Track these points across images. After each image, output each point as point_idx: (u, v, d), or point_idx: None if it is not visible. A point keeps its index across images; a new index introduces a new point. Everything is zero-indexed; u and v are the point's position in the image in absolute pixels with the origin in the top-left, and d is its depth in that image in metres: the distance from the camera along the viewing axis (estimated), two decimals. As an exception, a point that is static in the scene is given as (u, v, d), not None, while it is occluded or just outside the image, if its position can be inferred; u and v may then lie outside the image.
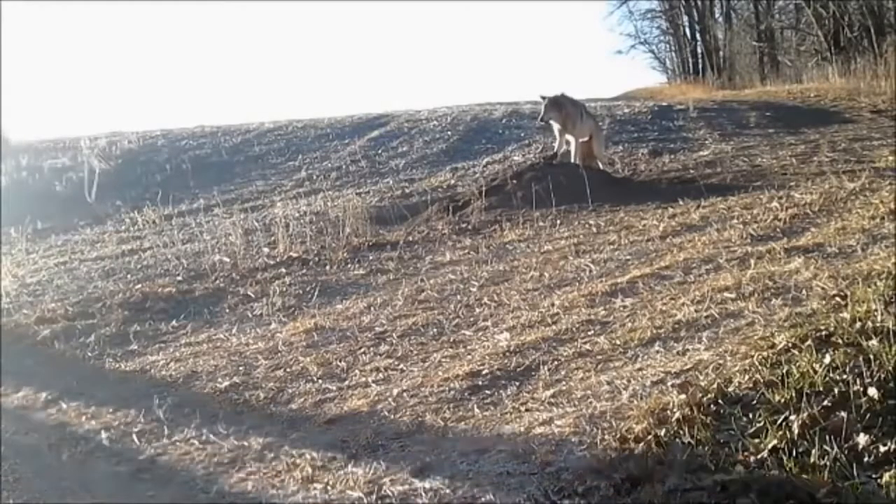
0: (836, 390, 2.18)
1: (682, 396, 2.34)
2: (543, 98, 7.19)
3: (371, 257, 5.37)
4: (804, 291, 3.25)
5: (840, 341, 2.52)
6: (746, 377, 2.40)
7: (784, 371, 2.36)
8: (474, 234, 5.70)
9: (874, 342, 2.43)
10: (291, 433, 2.76)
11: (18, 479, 2.73)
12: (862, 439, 1.92)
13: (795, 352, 2.51)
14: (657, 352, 2.90)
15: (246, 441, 2.75)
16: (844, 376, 2.25)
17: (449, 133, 11.07)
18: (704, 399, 2.30)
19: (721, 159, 7.75)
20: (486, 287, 4.25)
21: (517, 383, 2.86)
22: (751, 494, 1.78)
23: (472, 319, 3.73)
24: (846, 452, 1.89)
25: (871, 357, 2.33)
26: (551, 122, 7.23)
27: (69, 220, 8.61)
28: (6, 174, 10.60)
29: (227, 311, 4.59)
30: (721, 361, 2.62)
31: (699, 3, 28.14)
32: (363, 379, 3.17)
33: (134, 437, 2.93)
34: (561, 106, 7.13)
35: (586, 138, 7.40)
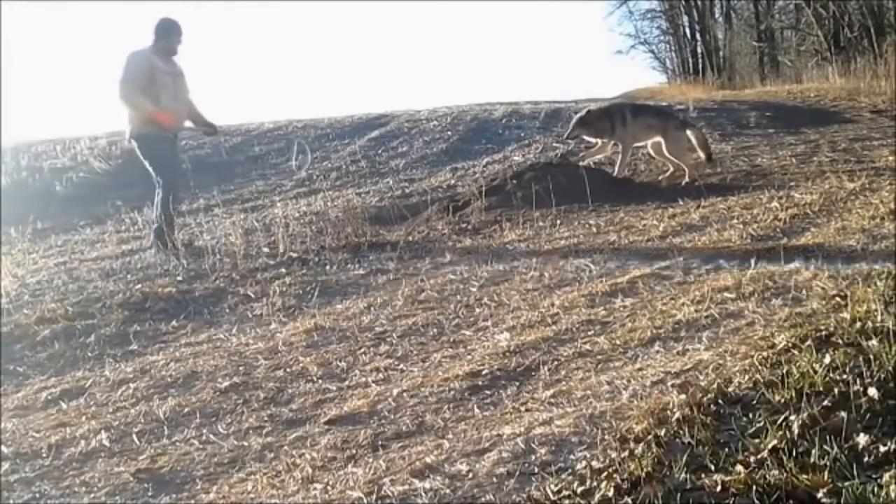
0: (836, 390, 2.18)
1: (682, 396, 2.34)
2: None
3: (371, 257, 5.37)
4: (804, 291, 3.25)
5: (840, 341, 2.52)
6: (746, 377, 2.39)
7: (784, 371, 2.35)
8: (474, 234, 5.70)
9: (874, 342, 2.43)
10: (291, 433, 2.76)
11: (18, 479, 2.73)
12: (862, 439, 1.92)
13: (795, 352, 2.50)
14: (657, 352, 2.90)
15: (246, 441, 2.75)
16: (844, 376, 2.25)
17: (449, 133, 11.05)
18: (704, 399, 2.30)
19: (721, 159, 7.74)
20: (486, 287, 4.25)
21: (517, 383, 2.86)
22: (751, 494, 1.78)
23: (472, 319, 3.73)
24: (846, 452, 1.88)
25: (871, 357, 2.33)
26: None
27: (69, 220, 8.60)
28: (6, 174, 10.59)
29: (227, 311, 4.58)
30: (721, 361, 2.62)
31: (699, 3, 28.15)
32: (363, 379, 3.17)
33: (134, 437, 2.93)
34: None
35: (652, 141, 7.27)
